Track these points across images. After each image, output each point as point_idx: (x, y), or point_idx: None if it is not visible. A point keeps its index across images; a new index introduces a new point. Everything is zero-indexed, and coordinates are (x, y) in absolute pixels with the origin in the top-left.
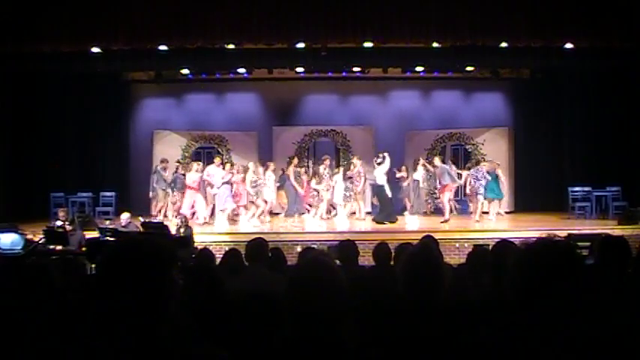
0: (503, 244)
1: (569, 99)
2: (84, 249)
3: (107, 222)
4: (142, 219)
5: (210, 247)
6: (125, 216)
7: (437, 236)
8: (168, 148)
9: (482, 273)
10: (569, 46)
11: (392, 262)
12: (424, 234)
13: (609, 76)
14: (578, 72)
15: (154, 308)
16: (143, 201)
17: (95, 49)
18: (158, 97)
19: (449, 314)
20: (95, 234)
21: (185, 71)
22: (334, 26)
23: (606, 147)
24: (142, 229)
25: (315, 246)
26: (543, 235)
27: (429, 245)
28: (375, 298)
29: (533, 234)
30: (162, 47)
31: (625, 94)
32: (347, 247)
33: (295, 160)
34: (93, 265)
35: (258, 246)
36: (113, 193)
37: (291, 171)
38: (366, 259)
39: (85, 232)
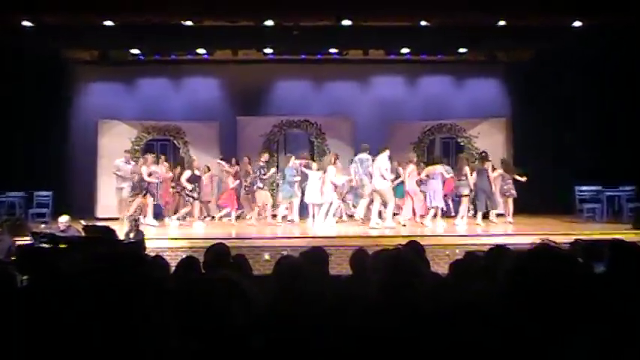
0: (498, 250)
1: (575, 86)
2: (13, 258)
3: (42, 226)
4: (83, 222)
5: (165, 254)
6: (64, 219)
7: (425, 242)
8: (116, 140)
9: (470, 284)
10: (577, 24)
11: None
12: (410, 239)
13: (623, 60)
14: (587, 54)
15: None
16: (85, 201)
17: (26, 23)
18: (104, 81)
19: (427, 324)
20: (28, 240)
21: (135, 51)
22: (307, 2)
23: (619, 140)
24: (83, 234)
25: (285, 252)
26: (537, 242)
27: (406, 251)
28: (351, 309)
29: (534, 240)
30: (108, 22)
31: None
32: (315, 256)
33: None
34: (24, 277)
35: (218, 253)
36: (50, 193)
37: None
38: (343, 268)
39: (15, 239)
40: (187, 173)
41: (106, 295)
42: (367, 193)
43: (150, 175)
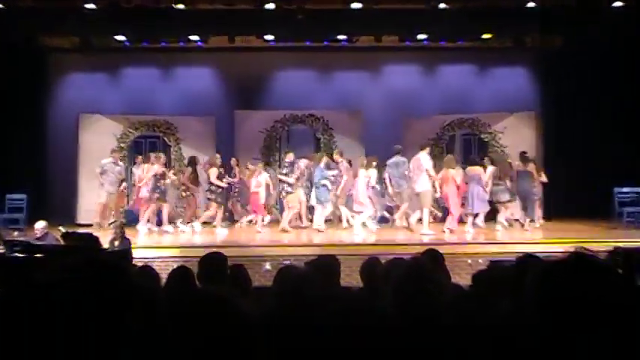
0: (526, 260)
1: (613, 75)
2: None
3: (16, 233)
4: (62, 229)
5: (155, 265)
6: (40, 225)
7: (444, 250)
8: (99, 136)
9: (494, 297)
10: (617, 4)
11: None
12: (427, 247)
13: None
14: (627, 40)
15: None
16: (65, 205)
17: None
18: (85, 70)
19: (447, 343)
20: None
21: (120, 38)
22: None
23: None
24: (62, 242)
25: (288, 262)
26: (571, 250)
27: (424, 260)
28: (363, 324)
29: (567, 248)
30: (89, 5)
31: None
32: (325, 264)
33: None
34: None
35: (214, 263)
36: (24, 196)
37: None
38: (353, 279)
39: None
40: (214, 171)
41: (85, 308)
42: (406, 197)
43: (163, 176)
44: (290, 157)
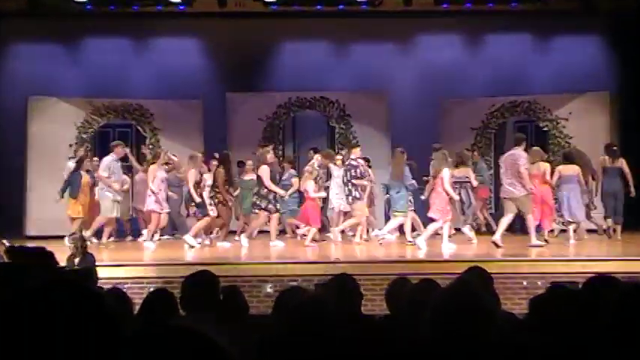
0: (600, 281)
1: None
2: None
3: None
4: (6, 243)
5: (126, 287)
6: None
7: (491, 268)
8: (54, 125)
9: (557, 328)
10: None
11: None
12: (470, 264)
13: None
14: None
15: None
16: (10, 213)
17: None
18: (37, 40)
19: None
20: None
21: None
22: None
23: None
24: (6, 259)
25: (295, 283)
26: None
27: (467, 281)
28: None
29: None
30: None
31: None
32: (342, 286)
33: None
34: None
35: (201, 285)
36: None
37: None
38: (376, 305)
39: None
40: (266, 170)
41: (35, 340)
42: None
43: (198, 183)
44: (357, 152)
